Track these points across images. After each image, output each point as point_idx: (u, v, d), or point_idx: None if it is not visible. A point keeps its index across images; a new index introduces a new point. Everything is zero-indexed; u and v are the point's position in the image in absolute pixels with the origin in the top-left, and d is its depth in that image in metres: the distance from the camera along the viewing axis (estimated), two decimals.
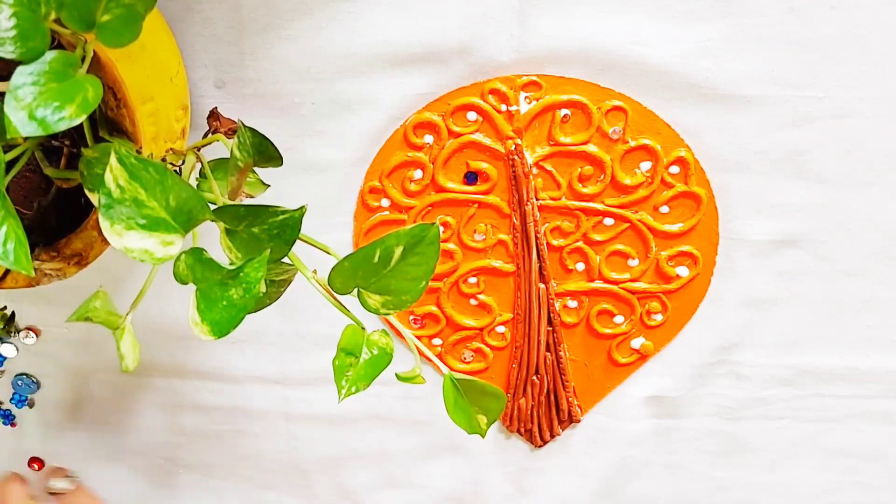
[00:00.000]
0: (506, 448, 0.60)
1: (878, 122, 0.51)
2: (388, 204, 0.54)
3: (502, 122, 0.52)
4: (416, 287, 0.35)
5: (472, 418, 0.38)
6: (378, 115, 0.53)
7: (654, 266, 0.55)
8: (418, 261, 0.34)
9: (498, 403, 0.38)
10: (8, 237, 0.31)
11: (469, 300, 0.56)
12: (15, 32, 0.30)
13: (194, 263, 0.33)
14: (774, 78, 0.50)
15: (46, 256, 0.42)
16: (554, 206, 0.54)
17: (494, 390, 0.38)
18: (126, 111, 0.39)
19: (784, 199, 0.53)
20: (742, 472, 0.61)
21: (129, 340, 0.36)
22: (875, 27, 0.49)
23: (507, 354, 0.58)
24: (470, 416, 0.38)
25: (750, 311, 0.56)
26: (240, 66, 0.51)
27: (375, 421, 0.60)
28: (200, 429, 0.62)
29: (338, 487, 0.63)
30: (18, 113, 0.29)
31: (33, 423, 0.63)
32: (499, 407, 0.38)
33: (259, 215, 0.34)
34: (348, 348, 0.36)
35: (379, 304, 0.36)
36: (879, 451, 0.60)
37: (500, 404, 0.38)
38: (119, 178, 0.31)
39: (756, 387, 0.58)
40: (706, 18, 0.49)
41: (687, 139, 0.52)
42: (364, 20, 0.50)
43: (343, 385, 0.36)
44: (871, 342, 0.57)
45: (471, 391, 0.38)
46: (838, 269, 0.55)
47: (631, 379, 0.58)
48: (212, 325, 0.32)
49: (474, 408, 0.38)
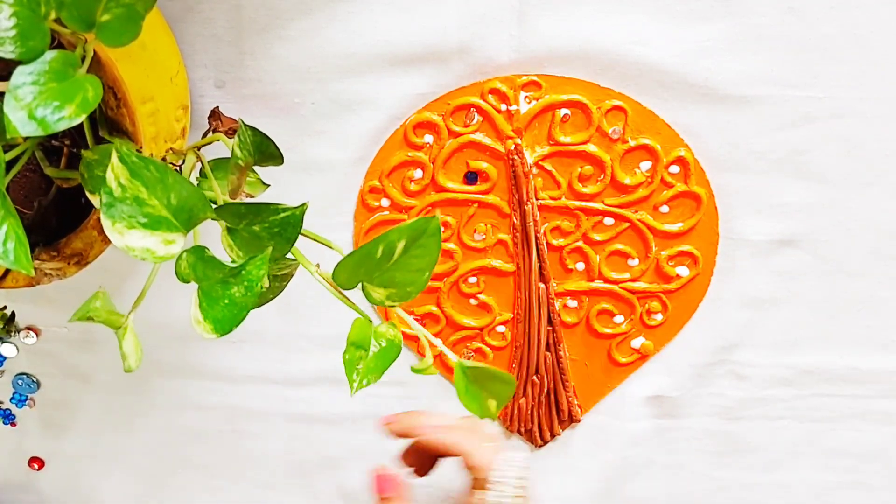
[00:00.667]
0: (506, 448, 0.60)
1: (878, 122, 0.51)
2: (388, 204, 0.54)
3: (502, 121, 0.52)
4: (420, 278, 0.35)
5: (483, 403, 0.38)
6: (378, 114, 0.53)
7: (654, 266, 0.55)
8: (421, 253, 0.34)
9: (507, 388, 0.38)
10: (8, 237, 0.31)
11: (469, 300, 0.56)
12: (15, 32, 0.30)
13: (196, 262, 0.33)
14: (774, 78, 0.50)
15: (46, 256, 0.42)
16: (554, 205, 0.54)
17: (503, 375, 0.38)
18: (126, 111, 0.39)
19: (784, 199, 0.53)
20: (742, 472, 0.60)
21: (131, 340, 0.36)
22: (875, 27, 0.49)
23: (508, 354, 0.58)
24: (481, 401, 0.38)
25: (750, 311, 0.56)
26: (240, 66, 0.51)
27: (376, 420, 0.60)
28: (201, 429, 0.62)
29: (338, 487, 0.63)
30: (18, 112, 0.29)
31: (34, 422, 0.63)
32: (508, 391, 0.38)
33: (260, 213, 0.34)
34: (357, 341, 0.36)
35: (384, 296, 0.36)
36: (879, 451, 0.60)
37: (509, 388, 0.38)
38: (120, 176, 0.31)
39: (756, 387, 0.58)
40: (706, 18, 0.49)
41: (687, 139, 0.52)
42: (364, 20, 0.50)
43: (354, 378, 0.36)
44: (871, 342, 0.57)
45: (481, 377, 0.38)
46: (838, 269, 0.55)
47: (631, 379, 0.58)
48: (214, 323, 0.32)
49: (484, 393, 0.38)
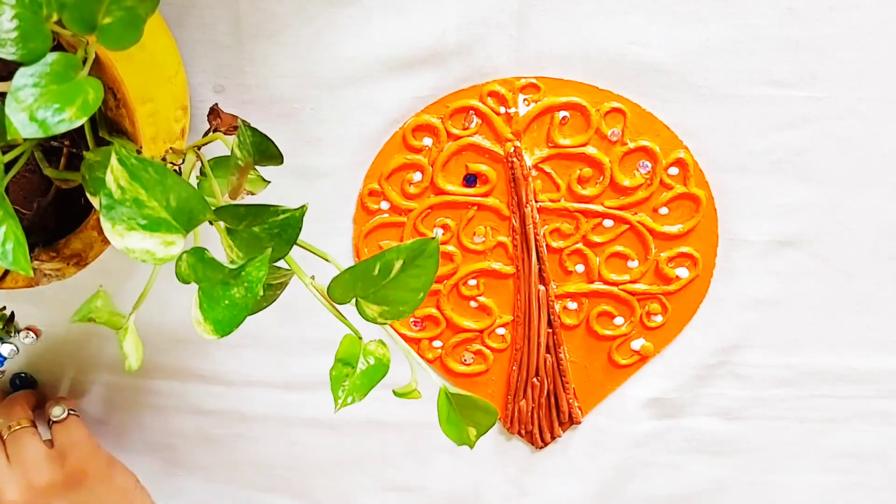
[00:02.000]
0: (506, 450, 0.60)
1: (878, 122, 0.51)
2: (388, 206, 0.54)
3: (501, 124, 0.52)
4: (415, 298, 0.35)
5: (463, 431, 0.39)
6: (377, 118, 0.53)
7: (653, 267, 0.55)
8: (418, 273, 0.35)
9: (489, 418, 0.39)
10: (7, 237, 0.31)
11: (469, 302, 0.56)
12: (16, 34, 0.30)
13: (196, 263, 0.33)
14: (773, 78, 0.50)
15: (46, 256, 0.42)
16: (553, 207, 0.54)
17: (486, 405, 0.38)
18: (125, 111, 0.39)
19: (784, 200, 0.53)
20: (742, 472, 0.60)
21: (132, 340, 0.36)
22: (874, 27, 0.49)
23: (508, 356, 0.58)
24: (461, 429, 0.39)
25: (750, 312, 0.56)
26: (239, 71, 0.51)
27: (375, 424, 0.60)
28: (200, 432, 0.61)
29: (338, 491, 0.63)
30: (19, 114, 0.29)
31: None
32: (490, 421, 0.39)
33: (260, 215, 0.34)
34: (345, 358, 0.37)
35: (377, 313, 0.36)
36: (879, 451, 0.60)
37: (490, 419, 0.39)
38: (120, 178, 0.31)
39: (756, 387, 0.58)
40: (705, 19, 0.50)
41: (686, 140, 0.52)
42: (362, 24, 0.50)
43: (339, 395, 0.36)
44: (871, 342, 0.57)
45: (464, 405, 0.39)
46: (838, 269, 0.55)
47: (631, 380, 0.58)
48: (215, 324, 0.32)
49: (466, 421, 0.39)
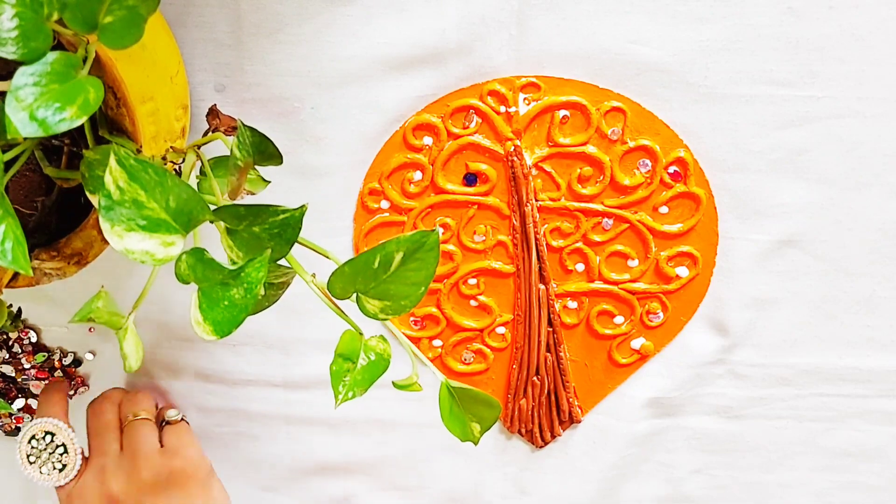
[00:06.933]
0: (506, 449, 0.60)
1: (878, 122, 0.51)
2: (388, 206, 0.54)
3: (501, 123, 0.52)
4: (416, 292, 0.35)
5: (466, 426, 0.39)
6: (377, 117, 0.53)
7: (653, 266, 0.55)
8: (418, 266, 0.34)
9: (492, 412, 0.38)
10: (6, 236, 0.31)
11: (469, 301, 0.56)
12: (17, 33, 0.30)
13: (195, 263, 0.33)
14: (773, 78, 0.50)
15: (46, 256, 0.42)
16: (553, 207, 0.54)
17: (489, 399, 0.38)
18: (126, 110, 0.39)
19: (784, 199, 0.53)
20: (741, 471, 0.60)
21: (132, 340, 0.36)
22: (874, 27, 0.49)
23: (508, 355, 0.58)
24: (464, 424, 0.38)
25: (750, 312, 0.56)
26: (239, 70, 0.51)
27: (375, 423, 0.60)
28: (201, 430, 0.61)
29: (338, 490, 0.63)
30: (19, 113, 0.29)
31: None
32: (493, 415, 0.39)
33: (259, 215, 0.34)
34: (346, 353, 0.36)
35: (378, 309, 0.36)
36: (879, 451, 0.60)
37: (494, 413, 0.38)
38: (119, 179, 0.31)
39: (756, 387, 0.58)
40: (705, 18, 0.50)
41: (686, 139, 0.52)
42: (362, 23, 0.50)
43: (340, 391, 0.36)
44: (871, 342, 0.57)
45: (466, 399, 0.38)
46: (838, 269, 0.55)
47: (631, 379, 0.58)
48: (214, 324, 0.32)
49: (469, 415, 0.38)
